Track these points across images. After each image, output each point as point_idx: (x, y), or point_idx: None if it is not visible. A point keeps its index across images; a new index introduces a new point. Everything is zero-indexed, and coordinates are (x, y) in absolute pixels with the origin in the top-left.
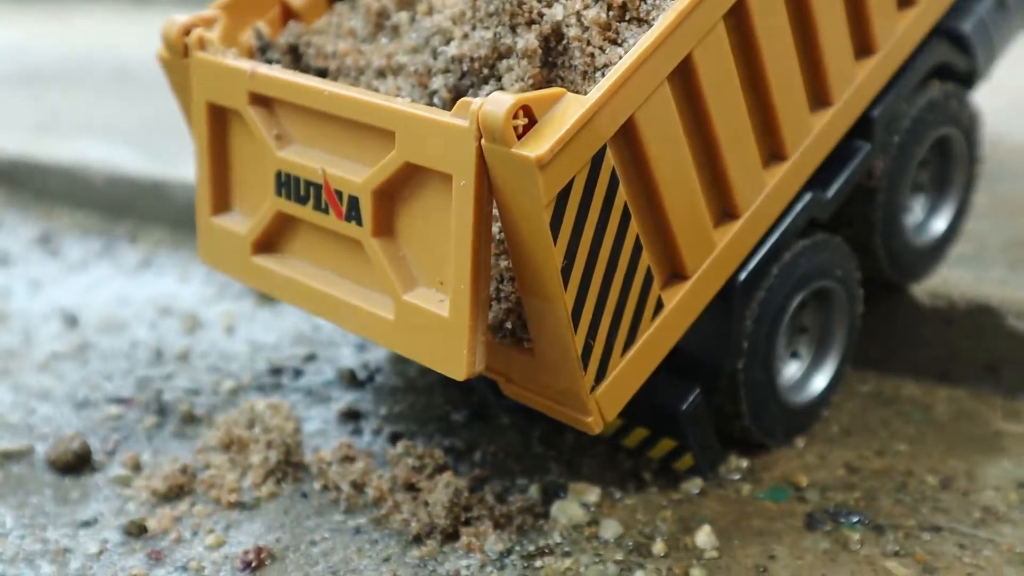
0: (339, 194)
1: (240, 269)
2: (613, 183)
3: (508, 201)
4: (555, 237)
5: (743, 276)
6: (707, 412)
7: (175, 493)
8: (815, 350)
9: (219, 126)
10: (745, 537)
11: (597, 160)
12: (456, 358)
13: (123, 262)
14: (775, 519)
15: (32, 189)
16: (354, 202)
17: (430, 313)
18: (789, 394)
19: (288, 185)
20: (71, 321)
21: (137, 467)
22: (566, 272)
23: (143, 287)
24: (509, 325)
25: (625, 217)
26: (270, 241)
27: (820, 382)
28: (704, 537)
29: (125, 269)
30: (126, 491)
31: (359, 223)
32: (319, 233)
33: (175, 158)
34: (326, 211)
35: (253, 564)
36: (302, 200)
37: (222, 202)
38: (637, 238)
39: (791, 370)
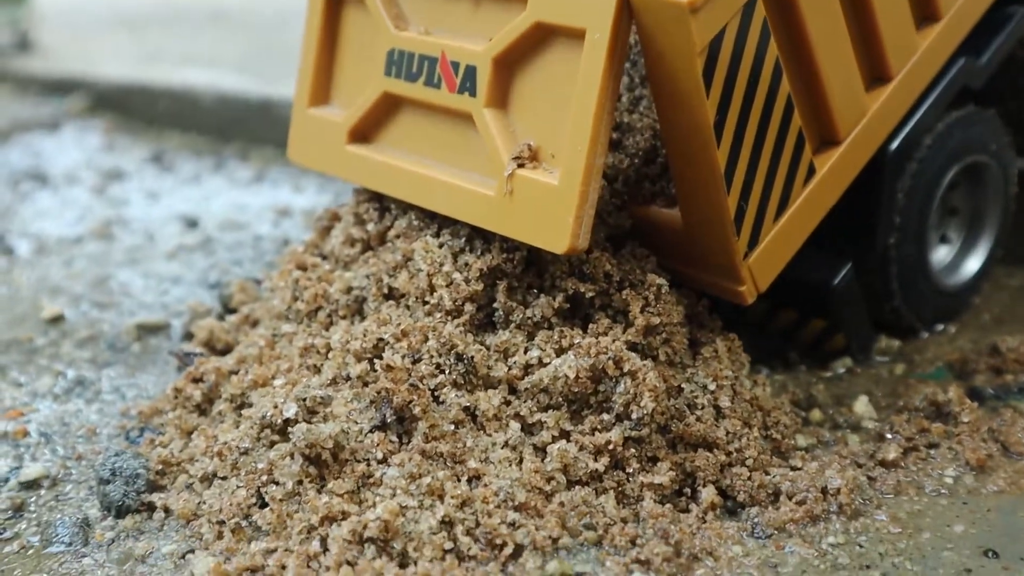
0: (455, 65)
1: (332, 161)
2: (764, 35)
3: (658, 53)
4: (707, 88)
5: (895, 145)
6: (859, 289)
7: None
8: (966, 232)
9: (333, 13)
10: (904, 409)
11: (748, 8)
12: (560, 229)
13: (236, 176)
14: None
15: (142, 113)
16: (471, 72)
17: (537, 183)
18: (941, 276)
19: (400, 63)
20: (191, 223)
21: None
22: (719, 127)
23: (259, 196)
24: None
25: (777, 73)
26: (367, 129)
27: (972, 265)
28: (862, 407)
29: (239, 182)
30: None
31: (472, 94)
32: (422, 114)
33: (278, 81)
34: (437, 85)
35: None
36: (413, 76)
37: (322, 94)
38: (789, 96)
39: (941, 253)
